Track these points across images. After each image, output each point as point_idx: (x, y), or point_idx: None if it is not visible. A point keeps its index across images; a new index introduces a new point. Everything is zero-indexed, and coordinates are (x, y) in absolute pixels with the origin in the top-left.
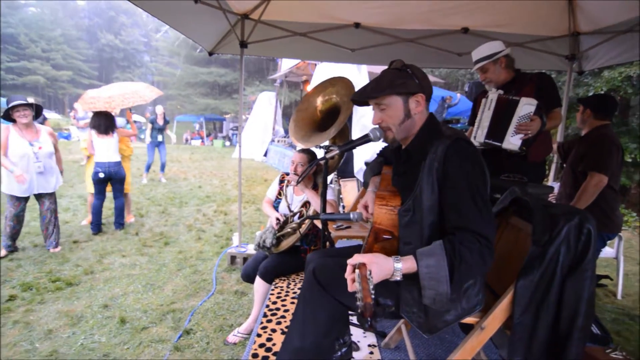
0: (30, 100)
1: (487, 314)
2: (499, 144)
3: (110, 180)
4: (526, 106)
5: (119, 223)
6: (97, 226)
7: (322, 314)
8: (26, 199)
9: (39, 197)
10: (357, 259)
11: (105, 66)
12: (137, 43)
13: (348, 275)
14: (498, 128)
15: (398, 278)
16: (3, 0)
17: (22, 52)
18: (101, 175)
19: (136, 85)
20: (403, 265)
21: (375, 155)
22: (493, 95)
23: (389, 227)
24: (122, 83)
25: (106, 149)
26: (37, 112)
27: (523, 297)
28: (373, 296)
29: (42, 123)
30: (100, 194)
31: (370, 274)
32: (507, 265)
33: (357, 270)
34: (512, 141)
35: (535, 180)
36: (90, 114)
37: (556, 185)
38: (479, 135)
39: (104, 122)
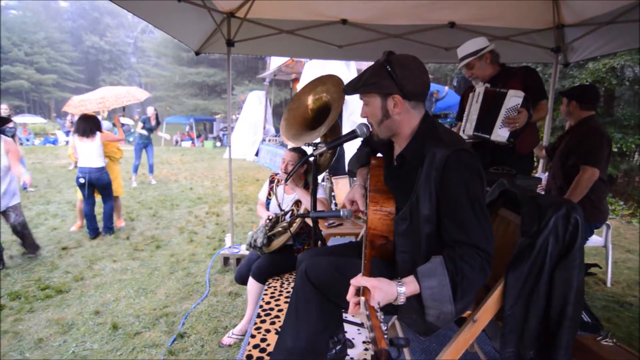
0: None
1: (479, 306)
2: (487, 136)
3: (94, 186)
4: (513, 98)
5: (108, 227)
6: (93, 231)
7: (314, 314)
8: None
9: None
10: (360, 281)
11: (91, 69)
12: (123, 44)
13: (350, 297)
14: (486, 120)
15: (402, 302)
16: None
17: (4, 56)
18: (81, 180)
19: (124, 87)
20: (406, 289)
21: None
22: (480, 88)
23: (384, 232)
24: (109, 87)
25: (87, 153)
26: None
27: (513, 288)
28: (386, 336)
29: (13, 136)
30: (88, 198)
31: (379, 305)
32: (497, 257)
33: (362, 299)
34: (500, 133)
35: (524, 172)
36: None
37: (544, 177)
38: (467, 129)
39: (83, 125)
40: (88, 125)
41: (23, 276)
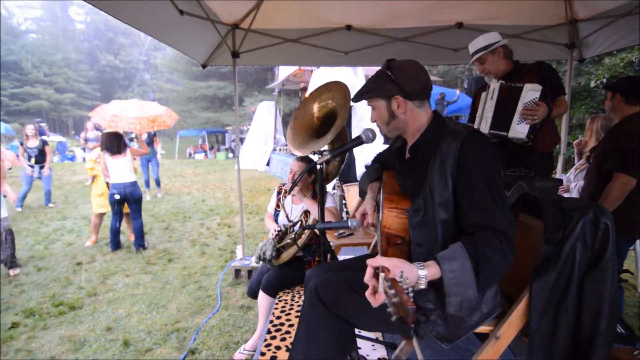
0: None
1: (502, 321)
2: (504, 133)
3: (127, 200)
4: (530, 92)
5: (139, 244)
6: (115, 244)
7: (325, 334)
8: None
9: None
10: (379, 261)
11: (107, 86)
12: (136, 62)
13: (368, 279)
14: (503, 117)
15: (422, 286)
16: (4, 27)
17: (25, 78)
18: (117, 196)
19: (156, 107)
20: (428, 272)
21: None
22: (495, 84)
23: (400, 232)
24: (140, 103)
25: (120, 169)
26: None
27: (539, 301)
28: (412, 298)
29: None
30: (117, 214)
31: (402, 275)
32: (518, 266)
33: (381, 274)
34: (519, 129)
35: (543, 173)
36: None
37: (564, 178)
38: (482, 127)
39: (115, 142)
40: (117, 142)
41: (38, 292)
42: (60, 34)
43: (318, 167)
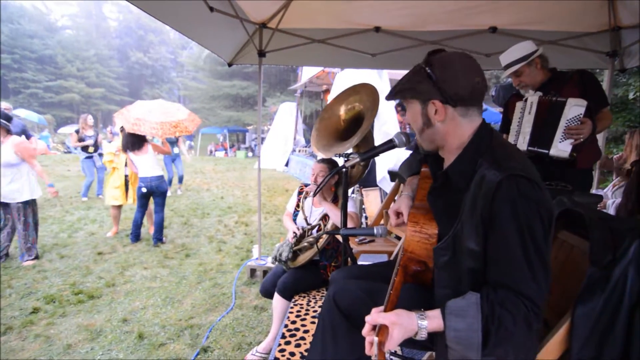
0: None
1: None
2: (545, 151)
3: (153, 194)
4: (575, 107)
5: (157, 238)
6: (136, 237)
7: (343, 344)
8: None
9: (6, 206)
10: (377, 319)
11: (135, 83)
12: (164, 60)
13: (366, 334)
14: (543, 134)
15: (423, 337)
16: (42, 22)
17: (59, 72)
18: (144, 190)
19: (180, 112)
20: (429, 324)
21: (410, 154)
22: (533, 98)
23: (423, 257)
24: (165, 106)
25: (145, 164)
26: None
27: (582, 328)
28: None
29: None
30: (142, 207)
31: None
32: (558, 288)
33: (375, 339)
34: (562, 147)
35: (583, 188)
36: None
37: (601, 193)
38: (520, 143)
39: (131, 140)
40: (135, 139)
41: (59, 280)
42: (93, 31)
43: (343, 170)
